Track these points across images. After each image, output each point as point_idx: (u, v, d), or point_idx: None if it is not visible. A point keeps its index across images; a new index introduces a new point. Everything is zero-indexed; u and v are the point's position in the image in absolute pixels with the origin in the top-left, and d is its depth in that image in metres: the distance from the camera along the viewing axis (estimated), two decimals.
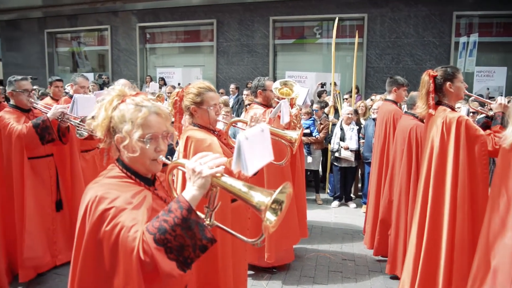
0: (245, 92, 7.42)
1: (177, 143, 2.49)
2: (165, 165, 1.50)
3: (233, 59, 11.72)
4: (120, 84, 4.43)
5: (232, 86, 9.25)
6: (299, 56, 11.95)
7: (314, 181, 6.69)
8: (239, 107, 7.99)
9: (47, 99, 4.76)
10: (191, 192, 1.28)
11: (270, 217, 1.26)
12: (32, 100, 3.80)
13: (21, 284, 3.68)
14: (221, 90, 9.39)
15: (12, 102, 3.82)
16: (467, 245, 2.65)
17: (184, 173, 1.41)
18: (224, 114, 4.71)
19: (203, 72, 12.40)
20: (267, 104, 4.00)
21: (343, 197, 6.38)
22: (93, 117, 1.54)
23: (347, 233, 5.14)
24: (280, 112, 3.39)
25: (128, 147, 1.43)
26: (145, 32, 13.10)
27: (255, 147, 1.53)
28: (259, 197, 1.26)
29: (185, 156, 2.40)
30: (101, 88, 7.53)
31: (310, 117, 6.45)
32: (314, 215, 5.76)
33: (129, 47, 12.99)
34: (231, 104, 7.96)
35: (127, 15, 12.86)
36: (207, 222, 1.37)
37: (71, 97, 4.53)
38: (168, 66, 13.01)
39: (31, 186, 3.63)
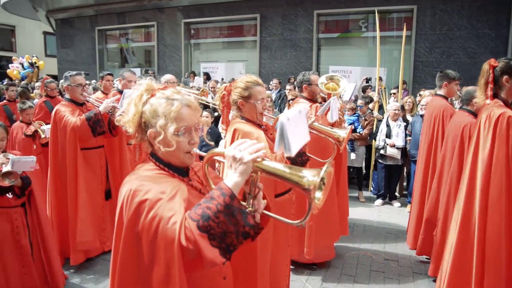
0: (288, 87, 7.37)
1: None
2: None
3: (276, 54, 11.69)
4: (165, 79, 4.55)
5: (274, 81, 9.22)
6: (344, 50, 11.71)
7: (357, 178, 6.54)
8: (281, 102, 7.95)
9: (98, 93, 4.97)
10: (233, 179, 1.27)
11: (318, 196, 1.24)
12: (85, 94, 4.00)
13: (71, 267, 3.90)
14: (264, 86, 9.33)
15: (67, 96, 4.04)
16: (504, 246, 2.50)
17: None
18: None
19: (246, 67, 12.46)
20: (312, 99, 3.93)
21: (387, 195, 6.19)
22: (122, 113, 1.54)
23: (390, 232, 4.98)
24: (328, 109, 3.33)
25: (163, 142, 1.41)
26: (189, 28, 13.35)
27: (295, 128, 1.53)
28: (307, 177, 1.24)
29: None
30: None
31: (354, 113, 6.31)
32: (356, 213, 5.63)
33: (174, 42, 13.31)
34: (273, 99, 7.94)
35: (172, 12, 13.16)
36: (249, 208, 1.36)
37: (119, 91, 4.72)
38: (212, 61, 13.19)
39: (83, 175, 3.82)
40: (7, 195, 3.02)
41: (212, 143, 1.65)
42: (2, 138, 3.09)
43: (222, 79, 10.85)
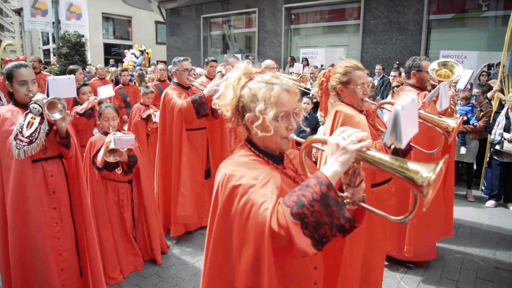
0: (392, 73, 6.93)
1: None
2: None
3: (380, 38, 11.03)
4: (265, 65, 4.59)
5: (377, 66, 8.75)
6: (458, 33, 10.54)
7: (467, 175, 5.93)
8: (384, 89, 7.52)
9: (202, 78, 5.25)
10: (332, 168, 1.22)
11: (429, 192, 1.13)
12: (191, 79, 4.26)
13: (172, 238, 4.24)
14: (365, 71, 8.93)
15: (175, 80, 4.35)
16: None
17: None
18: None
19: (347, 52, 12.01)
20: (420, 87, 3.61)
21: (502, 196, 5.51)
22: (219, 97, 1.53)
23: (503, 238, 4.44)
24: (437, 96, 3.04)
25: (260, 127, 1.40)
26: (290, 13, 13.29)
27: (408, 118, 1.42)
28: (421, 173, 1.13)
29: (333, 131, 2.36)
30: None
31: (468, 103, 5.68)
32: (463, 213, 5.13)
33: (274, 28, 13.39)
34: (375, 85, 7.55)
35: None
36: (347, 200, 1.31)
37: (223, 76, 4.91)
38: (312, 47, 12.99)
39: (187, 154, 4.10)
40: (116, 170, 3.38)
41: (308, 129, 1.61)
42: (113, 118, 3.47)
43: (322, 65, 10.63)
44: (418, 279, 3.56)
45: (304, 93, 5.90)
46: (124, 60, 17.02)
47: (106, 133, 3.43)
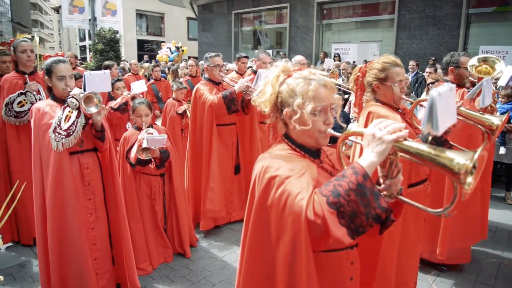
0: (427, 69, 6.71)
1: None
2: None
3: (415, 33, 10.70)
4: (296, 61, 4.59)
5: (411, 62, 8.49)
6: (500, 27, 10.05)
7: (506, 177, 5.66)
8: (418, 86, 7.30)
9: (233, 74, 5.27)
10: (368, 159, 1.23)
11: (469, 181, 1.11)
12: (222, 74, 4.27)
13: (201, 232, 4.29)
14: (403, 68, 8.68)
15: (206, 75, 4.38)
16: None
17: (361, 147, 1.35)
18: None
19: (380, 47, 11.74)
20: (458, 84, 3.47)
21: None
22: (259, 94, 1.58)
23: None
24: (479, 93, 2.91)
25: (299, 121, 1.43)
26: (322, 8, 13.11)
27: (445, 106, 1.38)
28: (458, 160, 1.11)
29: None
30: None
31: (510, 101, 5.42)
32: (501, 216, 4.91)
33: (306, 23, 13.26)
34: (409, 82, 7.34)
35: None
36: (384, 192, 1.32)
37: (254, 71, 4.91)
38: (344, 42, 12.78)
39: (217, 149, 4.14)
40: (150, 165, 3.46)
41: (345, 125, 1.60)
42: (146, 114, 3.53)
43: (354, 62, 10.43)
44: (450, 282, 3.44)
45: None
46: (159, 52, 17.34)
47: (139, 128, 3.51)
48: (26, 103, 3.76)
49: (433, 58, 9.02)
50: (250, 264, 1.48)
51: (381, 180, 1.36)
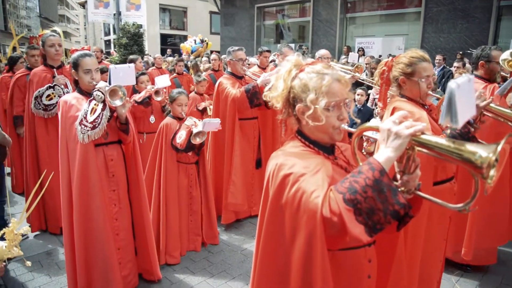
0: (455, 64, 6.52)
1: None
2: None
3: (443, 27, 10.40)
4: (320, 55, 4.51)
5: (438, 57, 8.26)
6: None
7: None
8: (445, 81, 7.10)
9: (255, 68, 5.25)
10: (385, 154, 1.21)
11: (491, 174, 1.07)
12: (245, 68, 4.27)
13: (222, 225, 4.32)
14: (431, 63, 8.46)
15: (228, 69, 4.38)
16: None
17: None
18: None
19: (406, 41, 11.48)
20: (489, 79, 3.34)
21: None
22: (269, 89, 1.54)
23: None
24: (510, 89, 2.81)
25: (312, 117, 1.39)
26: (346, 1, 12.91)
27: (464, 98, 1.34)
28: (480, 153, 1.07)
29: None
30: None
31: None
32: None
33: (329, 17, 13.09)
34: (435, 77, 7.14)
35: None
36: (402, 188, 1.30)
37: (277, 66, 4.88)
38: (368, 36, 12.57)
39: (239, 143, 4.15)
40: (190, 152, 3.58)
41: (359, 121, 1.58)
42: (185, 104, 3.64)
43: (380, 56, 10.22)
44: (475, 283, 3.35)
45: (358, 84, 5.72)
46: (185, 42, 17.51)
47: (176, 118, 3.61)
48: (54, 96, 3.86)
49: (460, 52, 8.75)
50: (265, 263, 1.47)
51: (398, 176, 1.33)
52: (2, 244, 2.04)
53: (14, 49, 9.02)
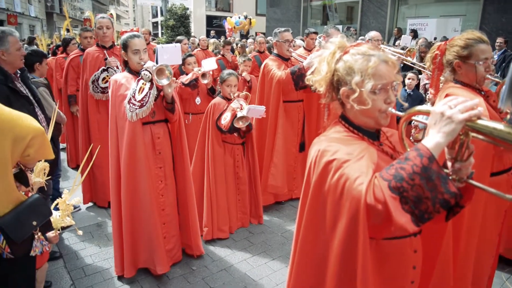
0: None
1: None
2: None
3: (506, 6, 9.60)
4: (370, 37, 4.34)
5: (499, 39, 7.68)
6: None
7: None
8: (506, 66, 6.61)
9: (301, 50, 5.15)
10: (434, 139, 1.13)
11: None
12: (291, 50, 4.20)
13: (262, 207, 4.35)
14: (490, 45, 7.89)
15: (275, 51, 4.33)
16: None
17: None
18: None
19: (463, 23, 10.73)
20: None
21: None
22: (312, 72, 1.50)
23: None
24: None
25: (357, 100, 1.34)
26: None
27: None
28: None
29: None
30: None
31: None
32: None
33: None
34: (495, 61, 6.67)
35: None
36: (453, 176, 1.23)
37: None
38: (421, 17, 11.88)
39: (282, 125, 4.13)
40: (235, 134, 3.65)
41: (407, 104, 1.50)
42: (235, 85, 3.68)
43: (435, 38, 9.63)
44: None
45: (409, 68, 5.47)
46: (230, 17, 17.61)
47: (226, 98, 3.68)
48: (109, 78, 4.03)
49: None
50: (304, 251, 1.45)
51: (448, 163, 1.26)
52: (56, 214, 2.18)
53: (67, 30, 9.47)
